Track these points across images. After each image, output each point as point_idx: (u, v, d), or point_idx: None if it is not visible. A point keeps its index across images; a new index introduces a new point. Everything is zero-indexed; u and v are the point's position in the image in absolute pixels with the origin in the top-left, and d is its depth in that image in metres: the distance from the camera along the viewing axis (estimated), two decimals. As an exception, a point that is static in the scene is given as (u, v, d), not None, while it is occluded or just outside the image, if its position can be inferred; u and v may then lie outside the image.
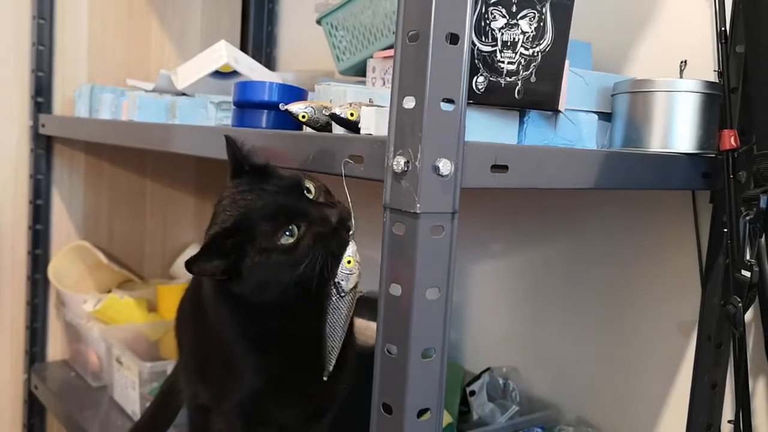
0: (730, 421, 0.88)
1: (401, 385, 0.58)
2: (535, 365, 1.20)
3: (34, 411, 1.58)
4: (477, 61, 0.66)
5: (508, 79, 0.69)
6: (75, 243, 1.59)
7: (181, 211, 1.77)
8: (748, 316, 0.86)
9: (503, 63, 0.68)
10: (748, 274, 0.75)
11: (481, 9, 0.66)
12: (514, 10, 0.68)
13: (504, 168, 0.62)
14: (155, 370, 1.25)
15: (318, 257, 0.71)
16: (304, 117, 0.76)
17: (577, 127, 0.80)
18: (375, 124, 0.68)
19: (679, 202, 0.98)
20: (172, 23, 1.70)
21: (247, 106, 0.90)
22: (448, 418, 1.08)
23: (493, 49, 0.67)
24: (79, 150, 1.60)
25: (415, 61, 0.55)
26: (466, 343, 1.32)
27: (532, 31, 0.69)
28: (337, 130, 0.73)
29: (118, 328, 1.42)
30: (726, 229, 0.82)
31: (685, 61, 0.90)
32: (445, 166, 0.56)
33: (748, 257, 0.76)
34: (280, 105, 0.78)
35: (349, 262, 0.71)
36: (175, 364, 1.10)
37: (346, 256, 0.71)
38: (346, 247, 0.72)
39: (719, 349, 0.89)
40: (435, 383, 0.59)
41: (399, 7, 0.57)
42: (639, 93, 0.82)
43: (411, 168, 0.56)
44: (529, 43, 0.69)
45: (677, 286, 0.99)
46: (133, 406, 1.29)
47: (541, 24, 0.69)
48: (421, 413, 0.59)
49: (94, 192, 1.63)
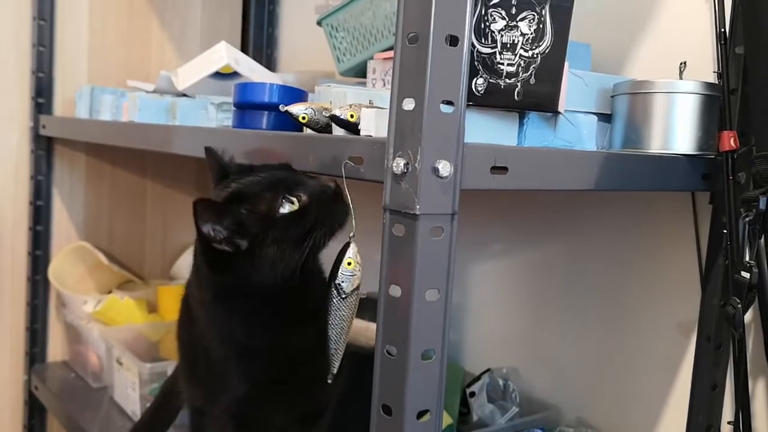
0: (729, 422, 0.88)
1: (401, 387, 0.58)
2: (535, 366, 1.20)
3: (35, 412, 1.58)
4: (476, 62, 0.66)
5: (508, 80, 0.69)
6: (75, 244, 1.59)
7: (182, 212, 1.77)
8: (748, 317, 0.86)
9: (503, 65, 0.68)
10: (747, 276, 0.75)
11: (480, 11, 0.66)
12: (514, 12, 0.68)
13: (503, 169, 0.62)
14: (155, 370, 1.25)
15: (324, 223, 0.71)
16: (304, 118, 0.76)
17: (576, 128, 0.80)
18: (375, 125, 0.68)
19: (678, 204, 0.98)
20: (172, 24, 1.70)
21: (248, 107, 0.90)
22: (448, 419, 1.08)
23: (493, 50, 0.67)
24: (79, 151, 1.60)
25: (415, 62, 0.56)
26: (466, 344, 1.32)
27: (531, 33, 0.69)
28: (337, 131, 0.73)
29: (119, 329, 1.42)
30: (725, 230, 0.82)
31: (685, 63, 0.90)
32: (445, 168, 0.56)
33: (748, 258, 0.76)
34: (281, 106, 0.78)
35: (349, 263, 0.71)
36: (177, 365, 1.10)
37: (347, 257, 0.71)
38: (348, 217, 0.71)
39: (719, 350, 0.89)
40: (435, 384, 0.59)
41: (399, 9, 0.57)
42: (638, 94, 0.82)
43: (411, 169, 0.56)
44: (528, 45, 0.69)
45: (677, 287, 0.99)
46: (133, 406, 1.29)
47: (541, 26, 0.69)
48: (420, 414, 0.59)
49: (94, 193, 1.63)
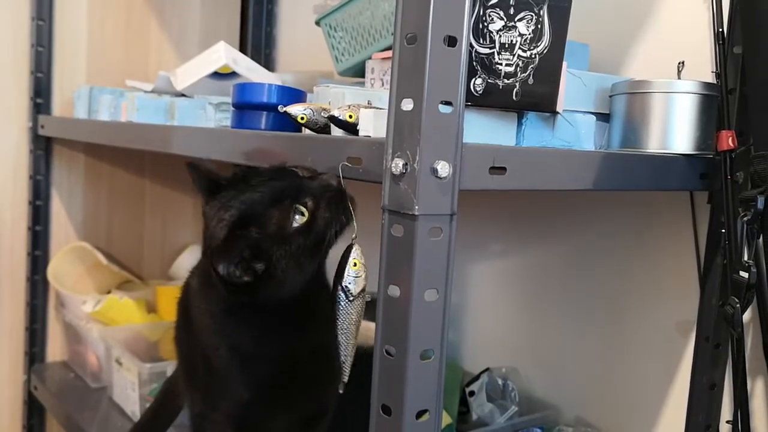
0: (728, 421, 0.88)
1: (400, 387, 0.58)
2: (534, 365, 1.20)
3: (34, 412, 1.58)
4: (475, 63, 0.67)
5: (506, 81, 0.69)
6: (74, 244, 1.59)
7: (181, 212, 1.77)
8: (747, 316, 0.86)
9: (501, 65, 0.68)
10: (746, 275, 0.75)
11: (479, 11, 0.66)
12: (512, 13, 0.68)
13: (502, 170, 0.62)
14: (155, 371, 1.25)
15: (335, 223, 0.70)
16: (302, 119, 0.76)
17: (575, 128, 0.80)
18: (373, 125, 0.68)
19: (677, 203, 0.98)
20: (171, 24, 1.70)
21: (246, 107, 0.90)
22: (447, 419, 1.08)
23: (491, 51, 0.67)
24: (78, 151, 1.60)
25: (413, 63, 0.56)
26: (465, 343, 1.32)
27: (529, 33, 0.69)
28: (336, 131, 0.73)
29: (118, 329, 1.42)
30: (724, 230, 0.82)
31: (683, 62, 0.90)
32: (444, 168, 0.56)
33: (746, 258, 0.76)
34: (279, 107, 0.78)
35: (355, 264, 0.70)
36: (176, 367, 1.09)
37: (352, 258, 0.70)
38: (354, 211, 0.70)
39: (717, 350, 0.90)
40: (434, 384, 0.59)
41: (397, 9, 0.57)
42: (637, 94, 0.82)
43: (409, 170, 0.56)
44: (526, 45, 0.69)
45: (675, 287, 0.99)
46: (132, 407, 1.29)
47: (539, 26, 0.69)
48: (419, 414, 0.59)
49: (93, 193, 1.63)
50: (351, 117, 0.70)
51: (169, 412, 1.13)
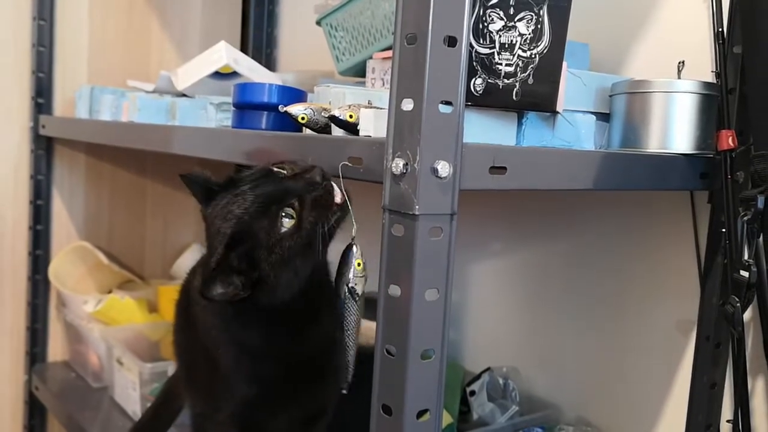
0: (729, 420, 0.88)
1: (401, 386, 0.58)
2: (534, 365, 1.20)
3: (35, 412, 1.58)
4: (475, 63, 0.67)
5: (506, 81, 0.69)
6: (75, 243, 1.59)
7: (182, 211, 1.77)
8: (747, 315, 0.86)
9: (501, 65, 0.68)
10: (746, 274, 0.76)
11: (478, 11, 0.66)
12: (512, 13, 0.68)
13: (502, 169, 0.62)
14: (156, 370, 1.25)
15: (326, 221, 0.70)
16: (303, 118, 0.76)
17: (575, 128, 0.80)
18: (374, 125, 0.68)
19: (677, 203, 0.98)
20: (172, 24, 1.71)
21: (247, 107, 0.90)
22: (448, 418, 1.08)
23: (491, 51, 0.68)
24: (79, 151, 1.60)
25: (414, 63, 0.56)
26: (466, 343, 1.32)
27: (529, 33, 0.69)
28: (336, 131, 0.74)
29: (119, 329, 1.42)
30: (724, 229, 0.82)
31: (683, 62, 0.90)
32: (444, 168, 0.56)
33: (746, 257, 0.76)
34: (280, 106, 0.78)
35: (359, 265, 0.70)
36: (176, 368, 1.09)
37: (356, 258, 0.70)
38: (351, 204, 0.70)
39: (718, 349, 0.90)
40: (434, 384, 0.59)
41: (397, 10, 0.57)
42: (637, 93, 0.82)
43: (410, 170, 0.56)
44: (526, 45, 0.69)
45: (676, 286, 1.00)
46: (133, 406, 1.29)
47: (539, 26, 0.70)
48: (420, 414, 0.59)
49: (94, 193, 1.64)
50: (351, 117, 0.70)
51: (170, 412, 1.13)
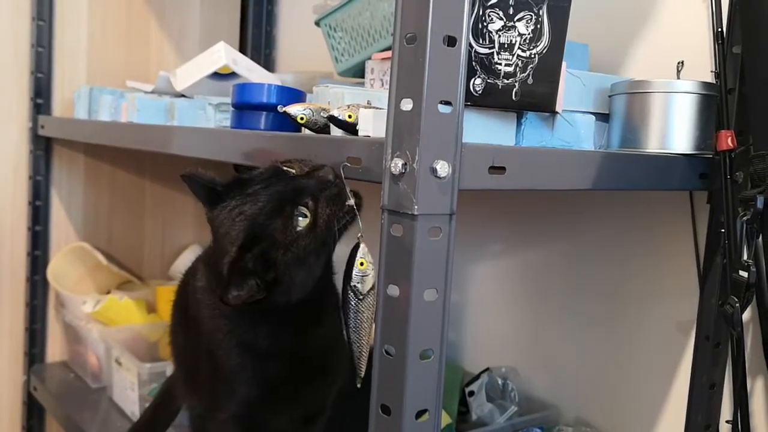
0: (728, 420, 0.88)
1: (400, 386, 0.58)
2: (534, 365, 1.20)
3: (34, 412, 1.58)
4: (474, 63, 0.67)
5: (506, 81, 0.69)
6: (74, 244, 1.59)
7: (181, 212, 1.77)
8: (746, 316, 0.86)
9: (500, 65, 0.68)
10: (745, 275, 0.76)
11: (478, 11, 0.66)
12: (511, 13, 0.68)
13: (501, 169, 0.62)
14: (154, 371, 1.25)
15: (341, 218, 0.70)
16: (302, 119, 0.76)
17: (574, 128, 0.80)
18: (373, 126, 0.68)
19: (676, 203, 0.98)
20: (171, 25, 1.70)
21: (246, 107, 0.90)
22: (447, 419, 1.08)
23: (491, 51, 0.67)
24: (78, 151, 1.60)
25: (413, 63, 0.56)
26: (465, 343, 1.32)
27: (529, 33, 0.69)
28: (335, 132, 0.74)
29: (118, 330, 1.42)
30: (723, 230, 0.82)
31: (682, 62, 0.90)
32: (443, 168, 0.56)
33: (746, 257, 0.76)
34: (279, 107, 0.78)
35: (361, 263, 0.70)
36: (173, 370, 1.09)
37: (359, 257, 0.70)
38: (362, 205, 0.70)
39: (717, 349, 0.90)
40: (433, 384, 0.59)
41: (396, 10, 0.57)
42: (636, 94, 0.82)
43: (409, 170, 0.56)
44: (526, 45, 0.69)
45: (675, 287, 1.00)
46: (132, 407, 1.29)
47: (538, 26, 0.70)
48: (419, 414, 0.59)
49: (93, 193, 1.63)
50: (350, 117, 0.70)
51: (168, 413, 1.13)
